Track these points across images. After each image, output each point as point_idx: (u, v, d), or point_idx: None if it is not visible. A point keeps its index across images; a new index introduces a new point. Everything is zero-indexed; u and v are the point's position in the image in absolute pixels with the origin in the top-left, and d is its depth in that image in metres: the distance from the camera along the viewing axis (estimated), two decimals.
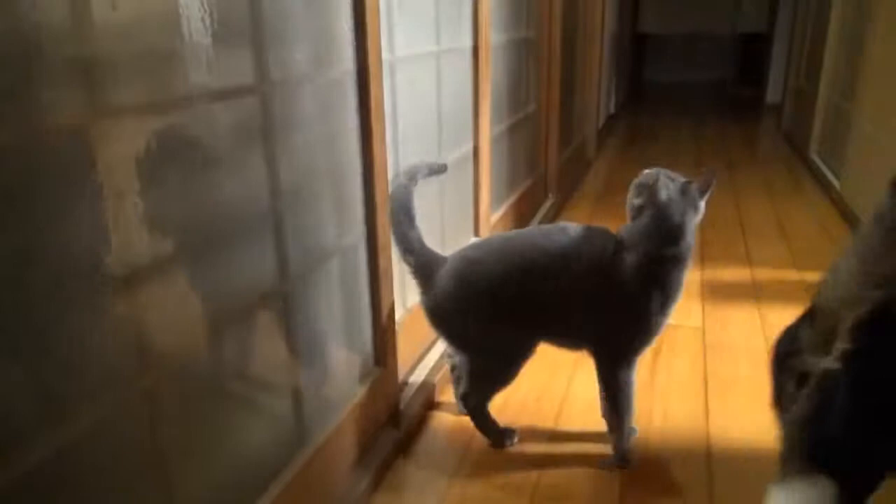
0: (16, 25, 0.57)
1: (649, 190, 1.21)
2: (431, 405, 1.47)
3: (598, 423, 1.33)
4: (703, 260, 2.32)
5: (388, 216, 1.27)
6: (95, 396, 0.68)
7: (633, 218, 1.25)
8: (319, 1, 1.04)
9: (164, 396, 0.77)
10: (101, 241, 0.67)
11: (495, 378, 1.34)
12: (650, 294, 1.21)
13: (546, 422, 1.42)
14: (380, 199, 1.23)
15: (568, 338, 1.31)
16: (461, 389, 1.37)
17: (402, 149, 1.42)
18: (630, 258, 1.21)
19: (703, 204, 1.24)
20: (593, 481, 1.24)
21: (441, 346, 1.62)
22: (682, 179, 1.23)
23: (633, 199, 1.25)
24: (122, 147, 0.69)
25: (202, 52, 0.79)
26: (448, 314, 1.30)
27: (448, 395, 1.50)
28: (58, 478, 0.64)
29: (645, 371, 1.61)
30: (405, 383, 1.46)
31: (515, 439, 1.36)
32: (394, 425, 1.34)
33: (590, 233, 1.26)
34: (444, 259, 1.32)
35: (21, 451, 0.61)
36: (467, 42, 1.79)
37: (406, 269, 1.34)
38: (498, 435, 1.36)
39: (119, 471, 0.72)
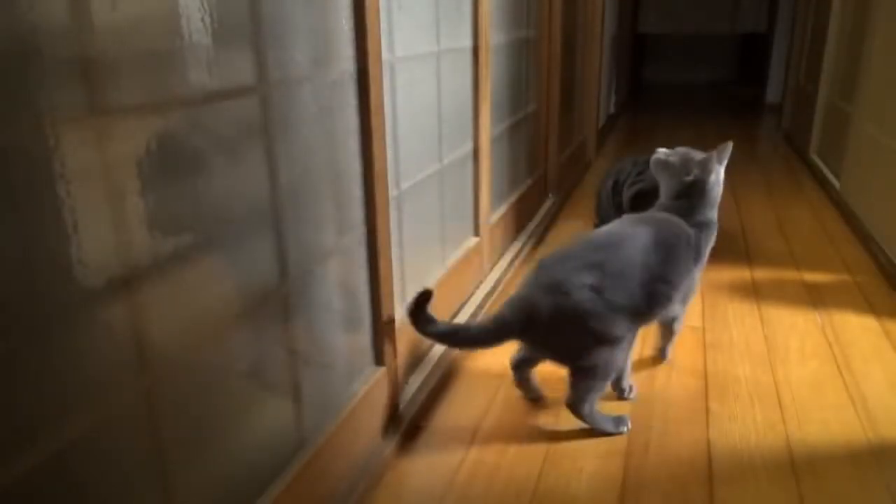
0: (15, 25, 0.57)
1: (700, 166, 1.45)
2: (431, 405, 1.47)
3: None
4: None
5: None
6: (95, 396, 0.68)
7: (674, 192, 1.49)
8: (319, 1, 1.04)
9: (164, 396, 0.77)
10: (100, 240, 0.67)
11: (609, 376, 1.36)
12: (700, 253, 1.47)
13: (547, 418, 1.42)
14: (380, 199, 1.23)
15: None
16: (566, 399, 1.36)
17: (402, 149, 1.42)
18: (690, 227, 1.44)
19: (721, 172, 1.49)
20: (593, 482, 1.24)
21: (440, 346, 1.62)
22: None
23: (683, 176, 1.47)
24: (121, 147, 0.70)
25: (202, 52, 0.79)
26: (568, 341, 1.32)
27: (447, 390, 1.51)
28: (58, 478, 0.64)
29: (645, 371, 1.61)
30: (405, 383, 1.47)
31: (629, 425, 1.39)
32: (393, 425, 1.34)
33: (664, 217, 1.46)
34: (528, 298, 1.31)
35: (21, 451, 0.61)
36: (467, 42, 1.79)
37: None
38: (613, 424, 1.38)
39: (119, 471, 0.72)
